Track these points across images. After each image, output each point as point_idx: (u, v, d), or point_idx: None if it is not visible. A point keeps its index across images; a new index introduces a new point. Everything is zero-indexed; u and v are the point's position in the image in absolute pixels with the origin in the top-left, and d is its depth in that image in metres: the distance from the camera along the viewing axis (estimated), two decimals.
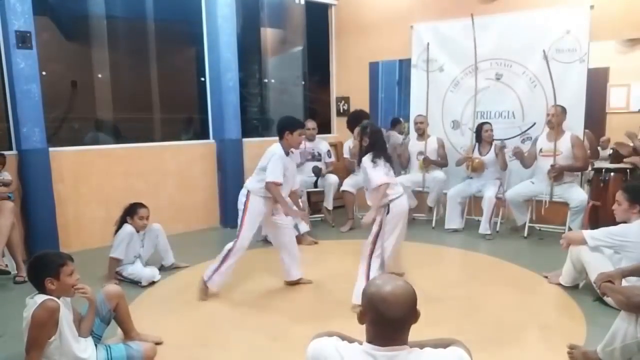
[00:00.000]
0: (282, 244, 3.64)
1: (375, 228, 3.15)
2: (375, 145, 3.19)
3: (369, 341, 1.38)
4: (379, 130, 3.33)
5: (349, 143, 5.58)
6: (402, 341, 1.36)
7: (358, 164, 3.29)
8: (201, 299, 3.41)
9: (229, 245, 3.43)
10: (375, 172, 3.11)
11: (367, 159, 3.15)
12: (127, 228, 3.75)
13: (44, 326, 2.10)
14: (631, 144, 4.49)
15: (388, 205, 3.12)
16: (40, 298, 2.13)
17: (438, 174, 5.42)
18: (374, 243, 3.13)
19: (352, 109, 6.67)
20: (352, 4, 6.55)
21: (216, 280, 3.41)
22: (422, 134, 5.51)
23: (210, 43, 5.44)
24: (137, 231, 3.81)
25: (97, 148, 5.01)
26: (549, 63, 4.81)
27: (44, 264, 2.19)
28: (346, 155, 5.72)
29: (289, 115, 3.72)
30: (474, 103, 5.42)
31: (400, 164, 5.71)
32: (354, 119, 5.44)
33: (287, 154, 3.43)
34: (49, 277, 2.15)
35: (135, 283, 3.70)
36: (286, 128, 3.40)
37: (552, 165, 4.61)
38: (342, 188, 5.44)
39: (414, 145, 5.61)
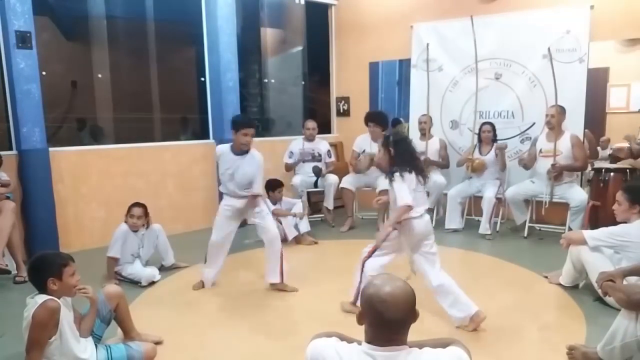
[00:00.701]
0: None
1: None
2: (402, 155, 2.91)
3: (368, 341, 1.38)
4: (403, 138, 3.08)
5: (362, 137, 5.53)
6: (401, 342, 1.37)
7: (386, 177, 2.97)
8: (194, 287, 3.64)
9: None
10: (401, 190, 2.79)
11: (396, 176, 2.84)
12: (122, 227, 3.77)
13: (44, 326, 2.10)
14: (627, 145, 4.50)
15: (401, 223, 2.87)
16: (41, 298, 2.13)
17: (438, 178, 5.38)
18: (374, 250, 3.00)
19: (352, 109, 6.69)
20: (352, 4, 6.55)
21: (204, 275, 3.67)
22: (424, 134, 5.48)
23: (210, 43, 5.44)
24: (134, 230, 3.81)
25: (97, 148, 5.02)
26: (552, 62, 4.79)
27: (47, 264, 2.19)
28: (355, 148, 5.59)
29: (240, 114, 3.74)
30: (474, 103, 5.41)
31: None
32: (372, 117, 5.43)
33: (236, 153, 3.42)
34: (52, 277, 2.15)
35: (135, 283, 3.70)
36: (232, 127, 3.40)
37: (552, 165, 4.61)
38: (341, 185, 5.42)
39: (416, 145, 5.56)
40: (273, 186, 4.90)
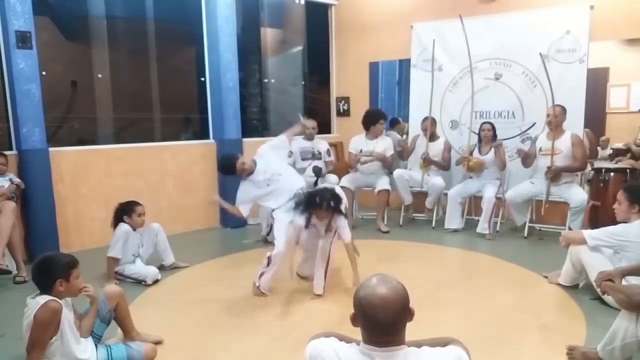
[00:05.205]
0: None
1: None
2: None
3: (365, 342, 1.38)
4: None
5: (357, 137, 5.55)
6: (397, 342, 1.35)
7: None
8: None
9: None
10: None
11: None
12: (123, 227, 3.75)
13: (46, 327, 2.10)
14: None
15: None
16: (43, 299, 2.13)
17: (437, 180, 5.35)
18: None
19: (352, 109, 6.69)
20: (352, 4, 6.55)
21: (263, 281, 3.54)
22: (430, 136, 5.43)
23: (210, 43, 5.44)
24: (134, 229, 3.81)
25: (97, 148, 5.02)
26: (546, 65, 4.77)
27: (56, 266, 2.19)
28: (351, 150, 5.60)
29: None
30: (472, 103, 5.41)
31: (400, 158, 5.73)
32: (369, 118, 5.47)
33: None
34: (60, 279, 2.16)
35: (139, 282, 3.71)
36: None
37: (548, 167, 4.60)
38: (340, 184, 5.40)
39: (422, 144, 5.56)
40: None
